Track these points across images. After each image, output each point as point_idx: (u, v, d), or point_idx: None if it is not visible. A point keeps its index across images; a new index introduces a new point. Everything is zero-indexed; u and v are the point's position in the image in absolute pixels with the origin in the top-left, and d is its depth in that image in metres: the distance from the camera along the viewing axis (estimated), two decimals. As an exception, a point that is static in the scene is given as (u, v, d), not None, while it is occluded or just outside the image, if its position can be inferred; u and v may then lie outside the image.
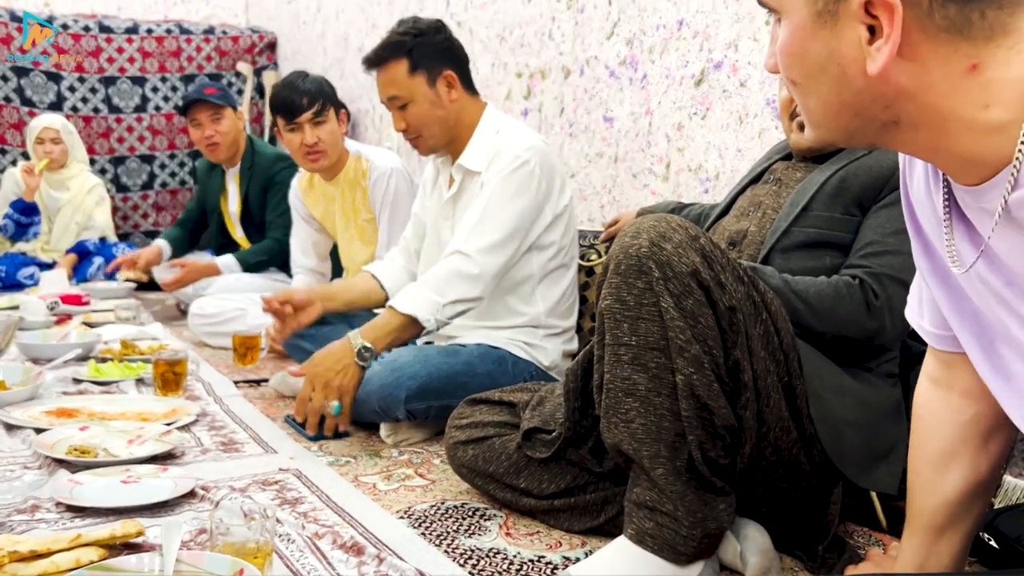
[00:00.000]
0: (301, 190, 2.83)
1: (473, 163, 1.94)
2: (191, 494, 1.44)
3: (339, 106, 2.60)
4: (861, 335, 1.31)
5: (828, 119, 0.78)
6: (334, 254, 2.93)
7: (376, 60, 1.94)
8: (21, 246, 4.17)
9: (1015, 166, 0.69)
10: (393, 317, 1.82)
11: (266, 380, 2.37)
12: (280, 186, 3.29)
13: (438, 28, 1.96)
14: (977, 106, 0.70)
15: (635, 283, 1.12)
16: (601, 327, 1.16)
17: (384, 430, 1.86)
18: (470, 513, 1.45)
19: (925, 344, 1.44)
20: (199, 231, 3.75)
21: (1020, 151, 0.69)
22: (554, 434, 1.37)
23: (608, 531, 1.35)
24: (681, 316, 1.10)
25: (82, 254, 4.15)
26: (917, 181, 0.88)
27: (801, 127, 1.48)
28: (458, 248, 1.85)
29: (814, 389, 1.23)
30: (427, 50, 1.92)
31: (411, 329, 1.83)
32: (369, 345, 1.80)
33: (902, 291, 1.20)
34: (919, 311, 0.98)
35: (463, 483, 1.58)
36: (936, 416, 1.00)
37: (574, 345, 2.08)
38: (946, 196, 0.81)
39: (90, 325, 2.90)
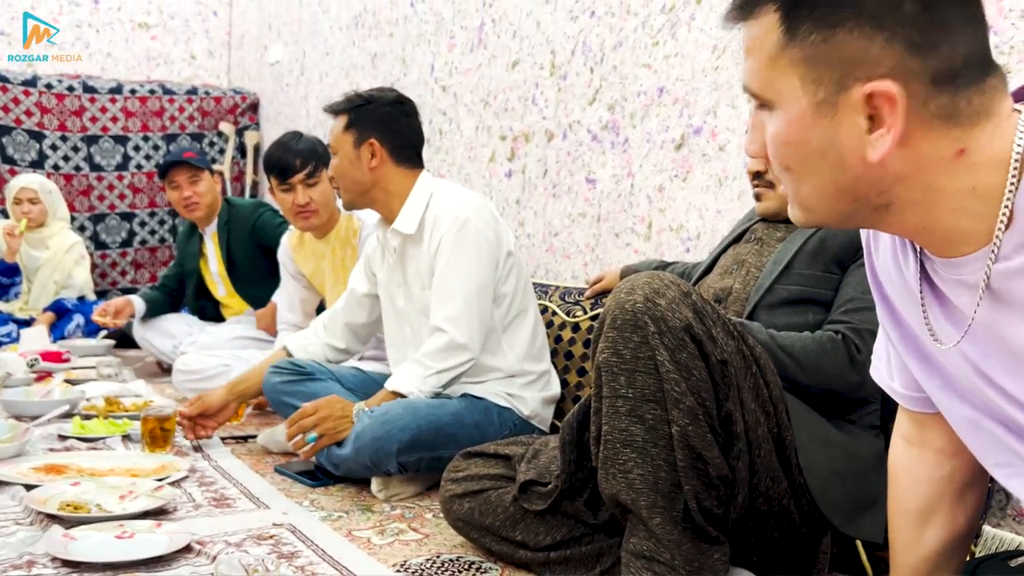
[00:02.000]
0: (291, 247, 2.87)
1: (404, 226, 2.04)
2: (187, 549, 1.45)
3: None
4: (845, 388, 1.37)
5: (823, 204, 0.80)
6: (321, 311, 2.96)
7: (330, 110, 2.10)
8: (-1, 305, 4.15)
9: (996, 240, 0.74)
10: (386, 396, 1.93)
11: (253, 436, 2.37)
12: (268, 229, 3.33)
13: (393, 101, 2.08)
14: (964, 188, 0.75)
15: (631, 337, 1.16)
16: (598, 380, 1.20)
17: (375, 485, 1.88)
18: (466, 566, 1.47)
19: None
20: (180, 296, 3.75)
21: (1000, 227, 0.73)
22: (550, 486, 1.40)
23: (603, 582, 1.37)
24: (676, 369, 1.14)
25: (60, 312, 4.12)
26: (883, 253, 0.92)
27: (755, 196, 1.60)
28: (434, 323, 1.95)
29: (802, 441, 1.28)
30: (366, 115, 2.05)
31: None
32: (367, 409, 1.88)
33: None
34: (888, 373, 1.02)
35: (457, 537, 1.59)
36: (911, 474, 1.03)
37: (553, 391, 2.12)
38: (921, 271, 0.85)
39: (72, 382, 2.89)
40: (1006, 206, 0.73)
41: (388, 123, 2.06)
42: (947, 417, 0.92)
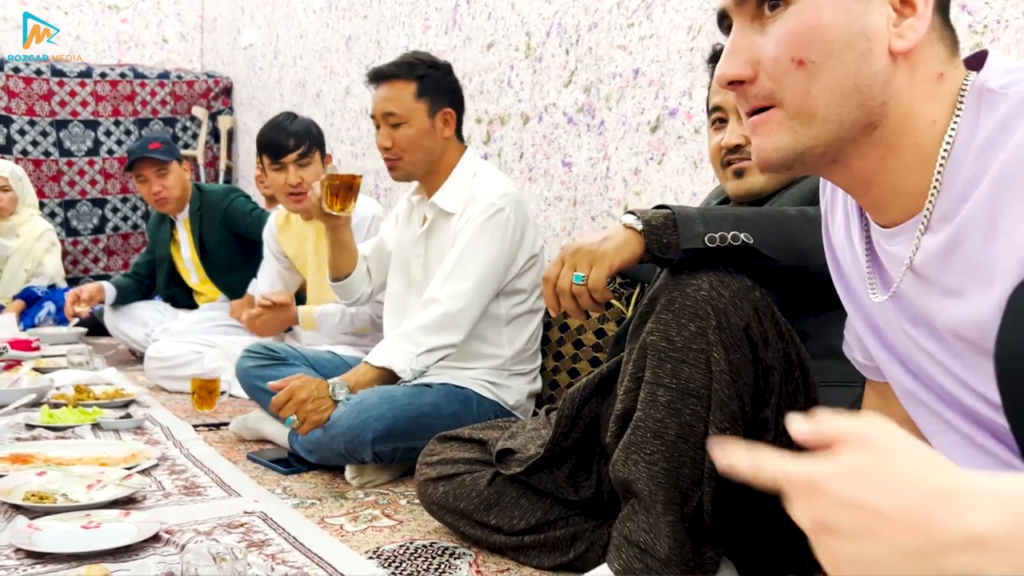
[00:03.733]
0: (277, 227, 2.84)
1: (446, 203, 1.99)
2: (155, 538, 1.42)
3: (324, 150, 2.63)
4: (807, 243, 1.19)
5: (831, 106, 0.76)
6: (300, 296, 2.92)
7: (386, 75, 1.98)
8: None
9: (923, 220, 0.75)
10: (369, 370, 1.83)
11: (226, 424, 2.35)
12: (240, 216, 3.28)
13: (449, 70, 2.04)
14: (928, 120, 0.75)
15: (687, 325, 1.09)
16: (640, 361, 1.14)
17: (349, 472, 1.86)
18: (439, 552, 1.45)
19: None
20: (152, 284, 3.69)
21: (929, 208, 0.74)
22: (531, 453, 1.38)
23: (577, 567, 1.36)
24: (729, 370, 1.09)
25: (30, 300, 4.06)
26: (838, 223, 0.93)
27: (737, 174, 1.42)
28: (432, 296, 1.89)
29: None
30: (436, 83, 1.98)
31: (388, 380, 1.85)
32: (343, 383, 1.80)
33: None
34: (852, 345, 1.03)
35: (431, 523, 1.58)
36: None
37: (537, 385, 2.10)
38: (866, 238, 0.86)
39: (41, 371, 2.84)
40: (938, 173, 0.74)
41: (454, 92, 2.02)
42: (892, 386, 0.93)
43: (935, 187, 0.74)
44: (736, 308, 1.09)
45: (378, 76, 1.99)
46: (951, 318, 0.76)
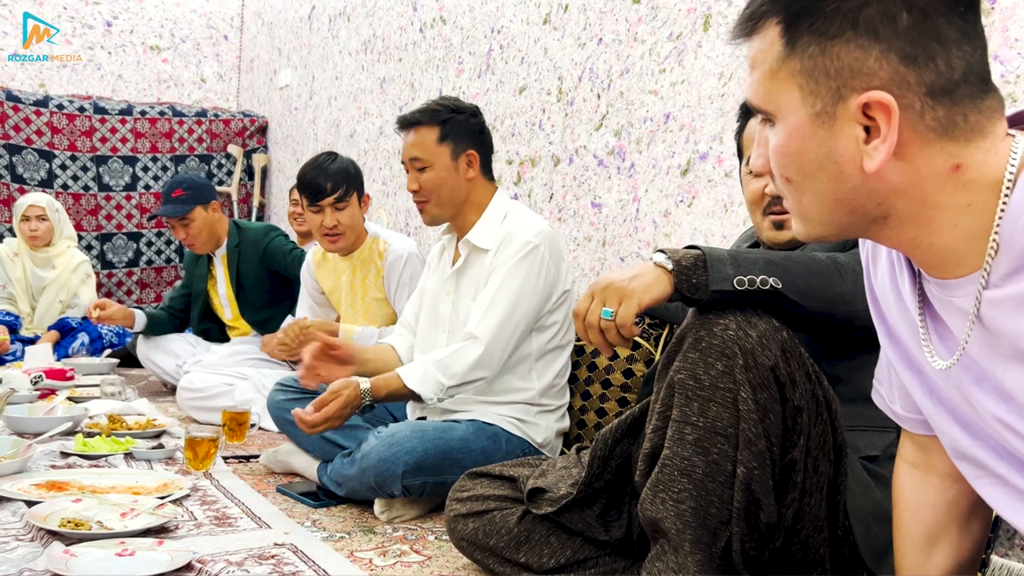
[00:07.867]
0: (314, 263, 2.89)
1: (481, 240, 2.03)
2: (188, 567, 1.44)
3: (362, 190, 2.68)
4: (835, 291, 1.23)
5: (822, 215, 0.81)
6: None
7: (411, 121, 2.06)
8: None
9: (987, 265, 0.74)
10: (400, 388, 1.88)
11: (256, 456, 2.37)
12: (280, 255, 3.34)
13: (474, 112, 2.10)
14: (960, 205, 0.75)
15: (714, 363, 1.10)
16: (668, 399, 1.15)
17: (378, 506, 1.87)
18: (468, 588, 1.46)
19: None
20: (185, 318, 3.74)
21: (991, 252, 0.73)
22: (562, 492, 1.39)
23: (607, 607, 1.36)
24: (756, 409, 1.09)
25: (64, 330, 4.13)
26: (881, 273, 0.92)
27: (776, 225, 1.42)
28: (471, 332, 1.92)
29: (848, 484, 1.25)
30: (459, 127, 2.04)
31: (410, 398, 1.89)
32: (371, 391, 1.86)
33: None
34: (890, 396, 1.01)
35: (459, 559, 1.58)
36: (917, 499, 1.02)
37: (566, 423, 2.11)
38: (919, 289, 0.84)
39: (75, 400, 2.89)
40: (995, 231, 0.73)
41: (478, 134, 2.07)
42: (940, 438, 0.91)
43: (993, 246, 0.73)
44: (763, 348, 1.10)
45: (404, 123, 2.07)
46: None
